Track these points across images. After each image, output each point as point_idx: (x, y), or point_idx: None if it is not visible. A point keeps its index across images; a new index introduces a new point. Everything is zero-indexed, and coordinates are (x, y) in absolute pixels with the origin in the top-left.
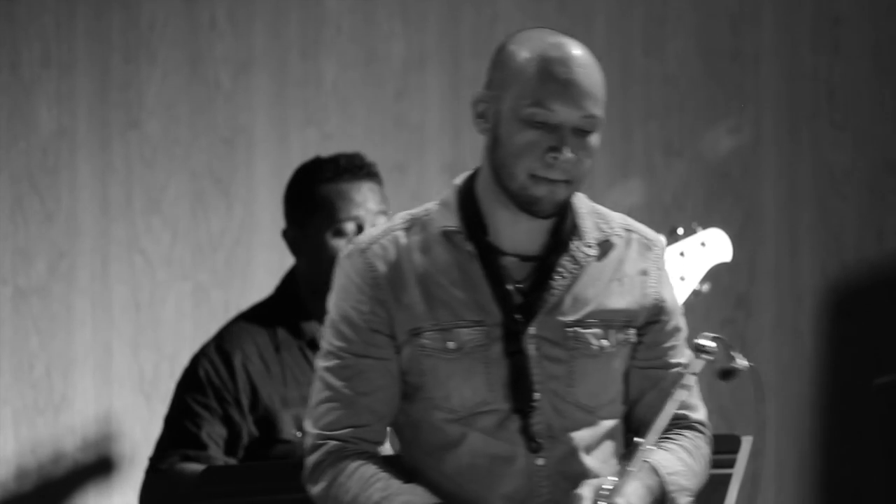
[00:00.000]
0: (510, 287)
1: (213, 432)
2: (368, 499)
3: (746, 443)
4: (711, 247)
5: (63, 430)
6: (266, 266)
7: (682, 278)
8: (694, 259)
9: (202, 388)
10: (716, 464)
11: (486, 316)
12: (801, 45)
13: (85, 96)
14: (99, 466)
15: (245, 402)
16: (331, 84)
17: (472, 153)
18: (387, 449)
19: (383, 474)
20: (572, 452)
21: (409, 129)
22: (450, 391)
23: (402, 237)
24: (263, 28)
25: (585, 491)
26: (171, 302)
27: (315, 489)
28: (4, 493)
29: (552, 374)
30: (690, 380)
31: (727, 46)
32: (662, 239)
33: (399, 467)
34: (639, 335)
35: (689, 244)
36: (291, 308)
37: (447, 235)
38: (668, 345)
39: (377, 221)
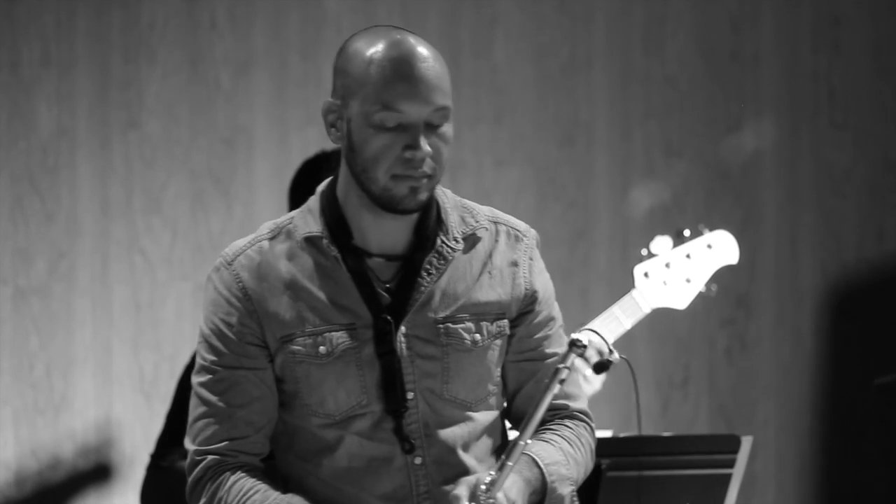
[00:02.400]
0: (378, 288)
1: None
2: None
3: (746, 443)
4: (718, 249)
5: (63, 430)
6: None
7: (689, 280)
8: (700, 261)
9: None
10: (716, 464)
11: (355, 318)
12: (801, 45)
13: (85, 96)
14: (99, 466)
15: None
16: (331, 84)
17: (472, 153)
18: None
19: (261, 486)
20: (450, 450)
21: None
22: (324, 396)
23: (268, 246)
24: (263, 28)
25: (462, 490)
26: (171, 302)
27: None
28: (4, 493)
29: (426, 372)
30: (565, 373)
31: (727, 46)
32: (532, 230)
33: (278, 476)
34: (512, 327)
35: (695, 246)
36: None
37: (311, 241)
38: (541, 335)
39: None
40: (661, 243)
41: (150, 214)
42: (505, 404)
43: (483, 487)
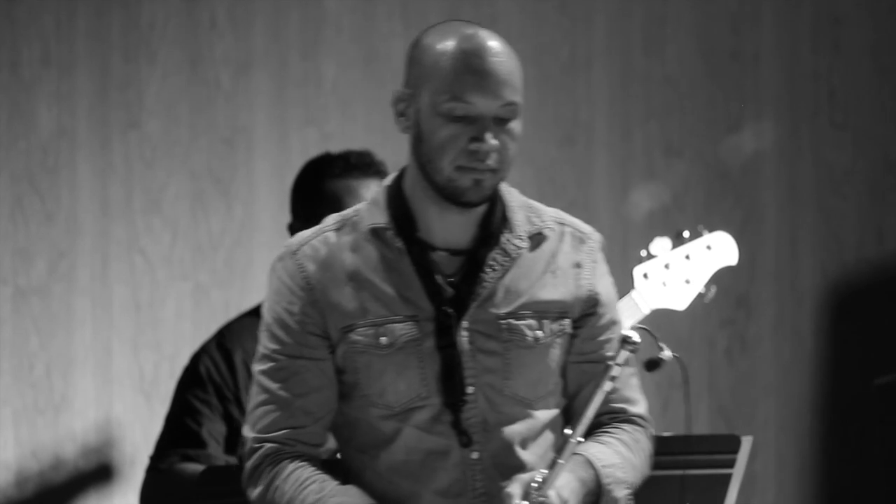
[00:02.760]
0: (440, 280)
1: (214, 430)
2: (303, 502)
3: (746, 443)
4: (717, 250)
5: (63, 430)
6: (266, 266)
7: (688, 281)
8: (699, 262)
9: (203, 384)
10: (716, 464)
11: (418, 310)
12: (801, 45)
13: (85, 96)
14: (99, 467)
15: (245, 399)
16: (331, 84)
17: None
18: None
19: (318, 476)
20: (508, 446)
21: None
22: (384, 387)
23: (333, 237)
24: (263, 28)
25: (515, 488)
26: (171, 302)
27: (253, 493)
28: (4, 494)
29: (487, 368)
30: (616, 370)
31: (727, 46)
32: (598, 234)
33: (337, 469)
34: (574, 328)
35: (694, 247)
36: None
37: (376, 233)
38: (603, 338)
39: None
40: (661, 244)
41: (150, 214)
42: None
43: (534, 485)
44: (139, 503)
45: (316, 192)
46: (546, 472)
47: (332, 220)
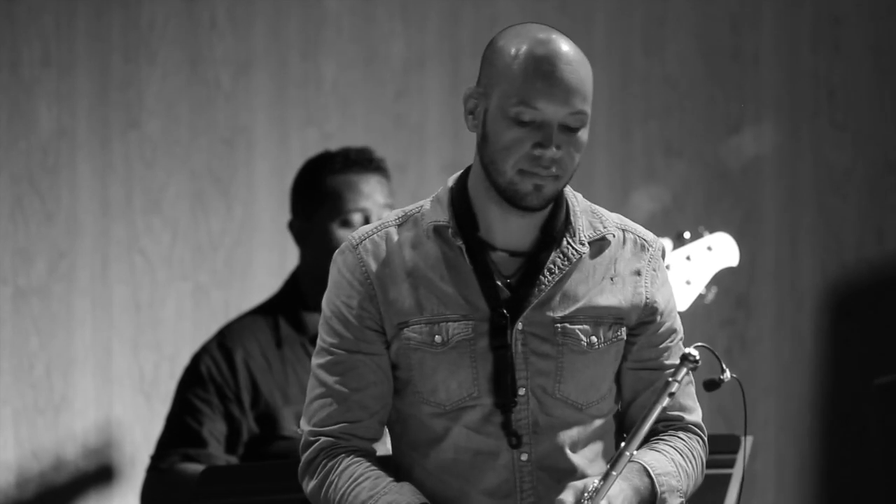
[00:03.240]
0: (498, 282)
1: (214, 429)
2: (356, 497)
3: (746, 443)
4: (718, 251)
5: (63, 430)
6: (266, 266)
7: (688, 282)
8: (700, 263)
9: (203, 383)
10: (716, 464)
11: (473, 310)
12: (801, 45)
13: (85, 96)
14: (99, 467)
15: (246, 398)
16: (331, 84)
17: (471, 153)
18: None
19: (373, 472)
20: (558, 449)
21: (409, 129)
22: (436, 384)
23: (394, 233)
24: (263, 28)
25: (567, 496)
26: (171, 302)
27: (308, 486)
28: (4, 494)
29: (540, 370)
30: (675, 387)
31: (727, 46)
32: (660, 241)
33: (391, 465)
34: (631, 335)
35: (695, 248)
36: (293, 300)
37: (437, 231)
38: (662, 346)
39: (383, 214)
40: None
41: (150, 214)
42: (619, 410)
43: (587, 495)
44: (140, 503)
45: (316, 188)
46: (598, 482)
47: (394, 214)
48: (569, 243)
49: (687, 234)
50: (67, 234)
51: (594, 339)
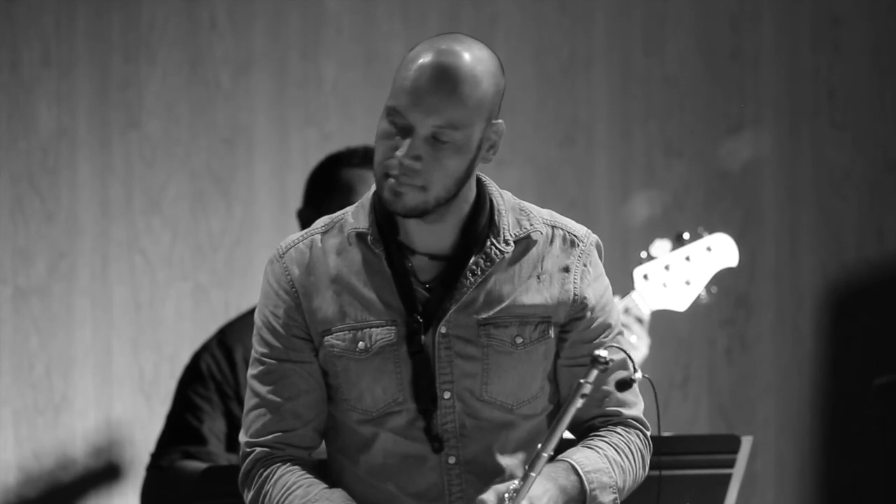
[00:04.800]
0: (416, 286)
1: (215, 427)
2: None
3: (746, 443)
4: (717, 252)
5: (63, 430)
6: None
7: (688, 282)
8: (699, 263)
9: (204, 381)
10: (716, 464)
11: (396, 315)
12: (801, 45)
13: (85, 96)
14: (99, 466)
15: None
16: (331, 84)
17: None
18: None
19: (305, 480)
20: (487, 451)
21: None
22: (362, 391)
23: (319, 241)
24: (263, 28)
25: (489, 496)
26: (171, 302)
27: (247, 498)
28: (4, 494)
29: (466, 373)
30: (587, 388)
31: (727, 46)
32: (593, 236)
33: (325, 471)
34: (563, 332)
35: (694, 249)
36: None
37: (359, 237)
38: (595, 342)
39: None
40: (661, 246)
41: (150, 214)
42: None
43: (507, 496)
44: (140, 501)
45: (331, 179)
46: (519, 482)
47: (321, 222)
48: (492, 244)
49: (686, 235)
50: (67, 234)
51: (520, 338)
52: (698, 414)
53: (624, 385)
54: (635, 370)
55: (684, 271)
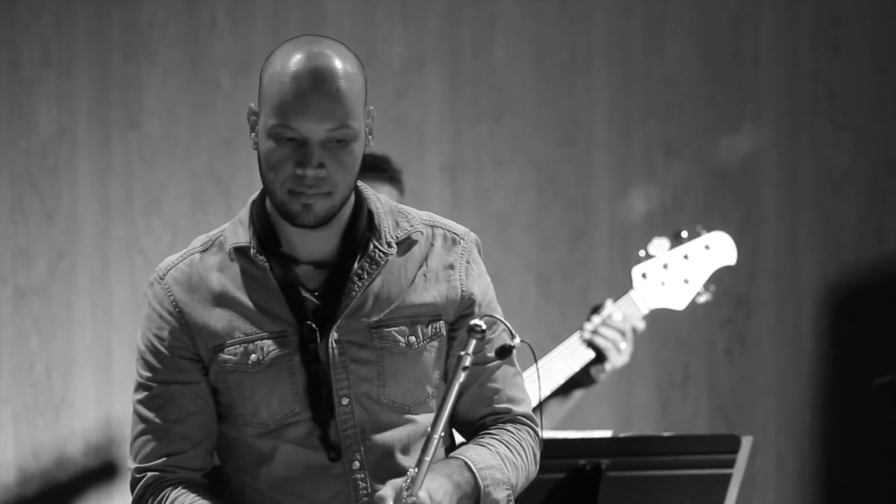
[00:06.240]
0: (305, 295)
1: None
2: None
3: (746, 443)
4: (715, 250)
5: (63, 430)
6: None
7: (686, 281)
8: (698, 262)
9: None
10: (716, 464)
11: (286, 326)
12: (801, 45)
13: (85, 96)
14: (99, 467)
15: None
16: None
17: (472, 153)
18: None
19: (199, 502)
20: (389, 454)
21: (408, 129)
22: (257, 404)
23: (199, 259)
24: (263, 28)
25: (387, 490)
26: None
27: None
28: (4, 493)
29: (362, 377)
30: (468, 360)
31: (727, 46)
32: (472, 234)
33: (219, 490)
34: (452, 330)
35: (693, 247)
36: None
37: (240, 251)
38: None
39: None
40: (659, 244)
41: (150, 214)
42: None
43: (405, 485)
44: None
45: None
46: (414, 469)
47: (198, 241)
48: (375, 246)
49: (684, 234)
50: (67, 234)
51: (412, 338)
52: (698, 414)
53: (504, 352)
54: (513, 336)
55: (683, 270)
